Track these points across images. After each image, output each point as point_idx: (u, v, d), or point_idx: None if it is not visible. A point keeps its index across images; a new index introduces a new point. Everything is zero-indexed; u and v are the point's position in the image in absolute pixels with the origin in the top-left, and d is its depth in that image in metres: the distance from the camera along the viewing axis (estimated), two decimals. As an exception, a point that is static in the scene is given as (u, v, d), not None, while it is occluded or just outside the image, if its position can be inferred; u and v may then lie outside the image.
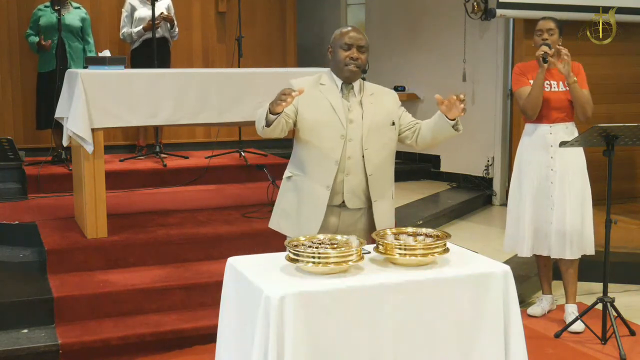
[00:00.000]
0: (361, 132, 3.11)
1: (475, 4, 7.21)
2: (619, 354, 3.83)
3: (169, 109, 4.55)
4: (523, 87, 4.28)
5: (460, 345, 2.56)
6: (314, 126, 3.11)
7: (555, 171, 4.24)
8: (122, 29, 6.72)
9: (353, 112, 3.13)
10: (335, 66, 3.17)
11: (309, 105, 3.13)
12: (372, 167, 3.12)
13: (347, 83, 3.16)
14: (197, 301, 4.21)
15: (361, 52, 3.13)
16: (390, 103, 3.24)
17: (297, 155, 3.21)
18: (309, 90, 3.13)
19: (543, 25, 4.27)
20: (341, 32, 3.17)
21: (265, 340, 2.32)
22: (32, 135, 6.68)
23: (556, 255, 4.28)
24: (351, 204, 3.14)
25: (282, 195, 3.27)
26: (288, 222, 3.22)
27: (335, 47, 3.17)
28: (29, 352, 3.69)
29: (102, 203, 4.52)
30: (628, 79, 6.62)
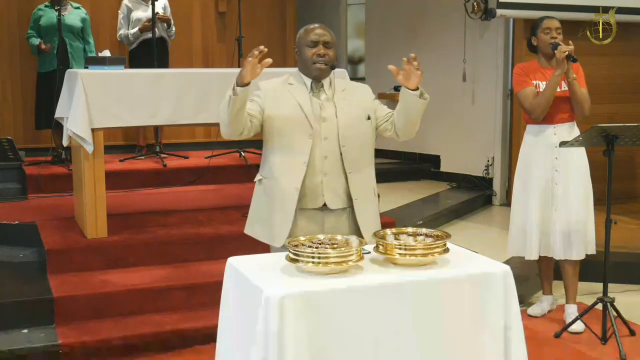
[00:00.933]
0: (337, 129, 3.03)
1: (475, 4, 7.21)
2: (619, 354, 3.83)
3: (169, 109, 4.55)
4: (527, 88, 4.23)
5: (460, 345, 2.56)
6: (280, 126, 3.03)
7: (559, 172, 4.22)
8: (118, 31, 6.72)
9: (326, 110, 3.05)
10: (303, 65, 3.09)
11: (276, 105, 3.05)
12: (350, 164, 3.05)
13: (316, 81, 3.09)
14: (197, 301, 4.21)
15: (328, 48, 3.04)
16: (364, 97, 3.16)
17: (266, 157, 3.13)
18: (276, 90, 3.07)
19: (551, 23, 4.21)
20: (306, 30, 3.10)
21: (265, 340, 2.32)
22: (32, 135, 6.68)
23: (562, 256, 4.24)
24: (333, 204, 3.06)
25: (254, 199, 3.19)
26: (261, 227, 3.14)
27: (300, 45, 3.09)
28: (29, 352, 3.69)
29: (102, 203, 4.52)
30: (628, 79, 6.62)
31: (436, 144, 7.94)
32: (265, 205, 3.12)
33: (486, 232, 6.19)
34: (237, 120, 2.93)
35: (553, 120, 4.22)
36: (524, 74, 4.28)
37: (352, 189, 3.07)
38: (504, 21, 6.96)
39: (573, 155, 4.22)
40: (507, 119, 7.17)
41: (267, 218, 3.10)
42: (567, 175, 4.22)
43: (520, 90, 4.27)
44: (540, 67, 4.29)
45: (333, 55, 3.07)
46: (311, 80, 3.09)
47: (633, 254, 5.16)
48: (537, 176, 4.27)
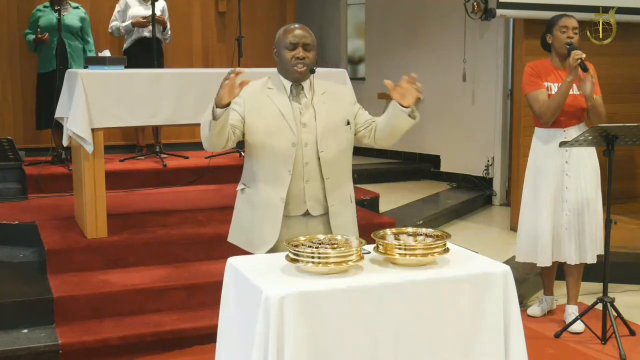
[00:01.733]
0: (315, 135, 2.97)
1: (475, 4, 7.21)
2: (619, 354, 3.83)
3: (169, 109, 4.55)
4: (538, 91, 4.12)
5: (460, 345, 2.56)
6: (263, 135, 2.96)
7: (570, 176, 4.15)
8: (111, 23, 6.72)
9: (305, 115, 2.98)
10: (282, 67, 3.01)
11: (257, 114, 2.98)
12: (328, 170, 2.99)
13: (296, 84, 3.01)
14: (197, 301, 4.21)
15: (307, 50, 2.96)
16: (344, 101, 3.08)
17: (249, 166, 3.07)
18: (255, 97, 2.99)
19: (569, 22, 4.08)
20: (285, 31, 3.00)
21: (265, 340, 2.32)
22: (32, 135, 6.69)
23: (576, 261, 4.17)
24: (315, 211, 3.02)
25: (237, 208, 3.14)
26: (244, 237, 3.10)
27: (279, 47, 3.01)
28: (29, 352, 3.69)
29: (102, 203, 4.52)
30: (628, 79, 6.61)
31: (436, 144, 7.95)
32: (249, 215, 3.07)
33: (486, 232, 6.19)
34: (220, 137, 2.88)
35: (563, 124, 4.13)
36: (536, 75, 4.16)
37: (328, 195, 3.02)
38: (504, 21, 6.96)
39: (584, 159, 4.15)
40: (507, 119, 7.17)
41: (251, 227, 3.06)
42: (578, 180, 4.15)
43: (530, 92, 4.16)
44: (553, 68, 4.18)
45: (313, 57, 2.99)
46: (291, 83, 3.02)
47: (633, 254, 5.16)
48: (547, 182, 4.17)
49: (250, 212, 3.07)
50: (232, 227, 3.19)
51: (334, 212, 3.05)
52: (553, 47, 4.18)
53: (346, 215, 3.11)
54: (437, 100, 7.90)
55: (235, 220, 3.17)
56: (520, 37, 6.12)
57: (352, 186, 3.17)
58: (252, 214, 3.06)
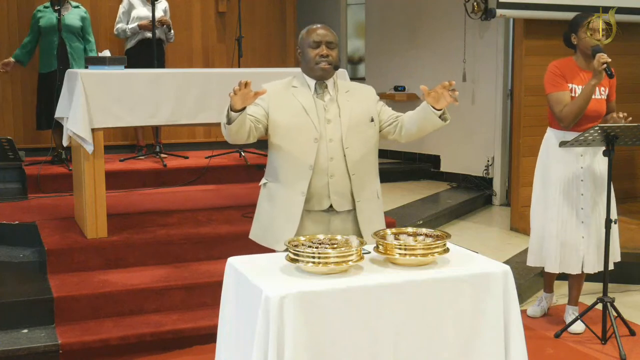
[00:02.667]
0: (340, 131, 3.03)
1: (475, 4, 7.21)
2: (619, 354, 3.83)
3: (169, 109, 4.55)
4: (562, 92, 4.00)
5: (460, 345, 2.56)
6: (286, 130, 3.02)
7: (585, 182, 4.07)
8: (116, 25, 6.72)
9: (330, 112, 3.04)
10: (306, 66, 3.07)
11: (280, 109, 3.03)
12: (354, 166, 3.04)
13: (320, 82, 3.07)
14: (197, 301, 4.21)
15: (331, 48, 3.02)
16: (368, 99, 3.15)
17: (272, 161, 3.11)
18: (280, 93, 3.04)
19: (598, 24, 3.96)
20: (308, 31, 3.07)
21: (265, 340, 2.32)
22: (32, 135, 6.68)
23: (594, 270, 4.11)
24: (339, 206, 3.06)
25: (259, 203, 3.18)
26: (265, 232, 3.13)
27: (303, 46, 3.07)
28: (29, 352, 3.69)
29: (102, 203, 4.52)
30: (628, 79, 6.61)
31: (436, 144, 7.94)
32: (269, 210, 3.11)
33: (486, 232, 6.19)
34: (239, 134, 2.92)
35: (581, 127, 4.01)
36: (560, 75, 4.05)
37: (355, 190, 3.07)
38: (504, 21, 6.96)
39: (599, 164, 4.07)
40: (507, 119, 7.17)
41: (271, 222, 3.10)
42: (594, 186, 4.08)
43: (553, 93, 4.05)
44: (579, 69, 4.08)
45: (336, 55, 3.05)
46: (315, 81, 3.08)
47: (633, 254, 5.15)
48: (558, 185, 4.10)
49: (270, 207, 3.11)
50: (254, 224, 3.22)
51: (361, 208, 3.09)
52: (578, 47, 4.08)
53: (373, 210, 3.16)
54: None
55: (256, 216, 3.21)
56: (520, 37, 6.12)
57: (378, 182, 3.23)
58: (272, 208, 3.10)
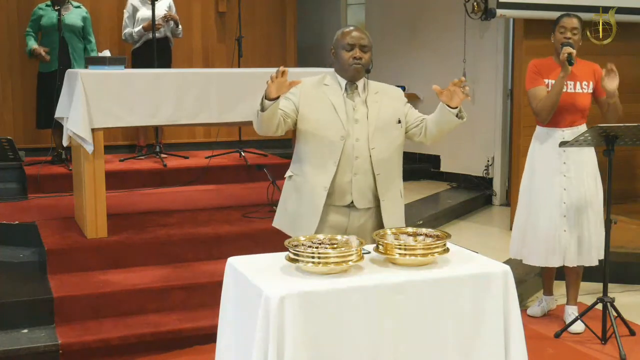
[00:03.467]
0: (367, 131, 3.10)
1: (475, 4, 7.21)
2: (619, 354, 3.83)
3: (169, 109, 4.55)
4: (538, 87, 4.14)
5: (460, 345, 2.56)
6: (315, 126, 3.11)
7: (568, 177, 4.13)
8: (124, 30, 6.73)
9: (358, 112, 3.13)
10: (339, 67, 3.17)
11: (310, 105, 3.12)
12: (379, 166, 3.12)
13: (351, 82, 3.16)
14: (197, 301, 4.21)
15: (364, 51, 3.12)
16: (396, 101, 3.24)
17: (298, 155, 3.21)
18: (312, 90, 3.13)
19: (568, 23, 4.10)
20: (343, 33, 3.16)
21: (265, 340, 2.32)
22: (32, 135, 6.69)
23: (575, 263, 4.16)
24: (360, 204, 3.13)
25: (283, 194, 3.29)
26: (288, 222, 3.24)
27: (337, 48, 3.16)
28: (29, 352, 3.69)
29: (102, 203, 4.52)
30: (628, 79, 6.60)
31: (436, 144, 7.91)
32: (293, 201, 3.21)
33: (486, 232, 6.19)
34: (269, 124, 3.01)
35: (563, 123, 4.13)
36: (537, 72, 4.17)
37: (380, 190, 3.14)
38: (504, 21, 6.96)
39: (582, 160, 4.13)
40: (507, 119, 7.17)
41: (295, 213, 3.19)
42: (577, 181, 4.13)
43: (530, 89, 4.19)
44: (555, 66, 4.16)
45: (369, 58, 3.14)
46: (346, 82, 3.16)
47: (633, 254, 5.16)
48: (543, 182, 4.18)
49: (296, 198, 3.20)
50: (278, 213, 3.31)
51: (385, 207, 3.17)
52: (554, 46, 4.19)
53: (396, 208, 3.24)
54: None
55: (282, 206, 3.29)
56: (520, 37, 6.12)
57: (402, 181, 3.30)
58: (298, 200, 3.18)
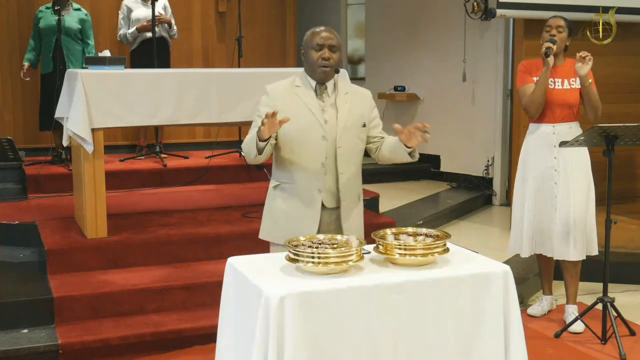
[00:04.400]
0: (335, 131, 3.11)
1: (475, 4, 7.21)
2: (619, 354, 3.83)
3: (169, 109, 4.55)
4: (526, 85, 4.24)
5: (460, 345, 2.56)
6: (297, 132, 3.10)
7: (558, 171, 4.21)
8: (119, 31, 6.73)
9: (327, 113, 3.14)
10: (309, 67, 3.16)
11: (287, 111, 3.09)
12: (343, 166, 3.13)
13: (320, 83, 3.16)
14: (197, 301, 4.21)
15: (333, 51, 3.11)
16: (364, 104, 3.23)
17: (282, 163, 3.18)
18: (284, 95, 3.13)
19: (553, 22, 4.22)
20: (312, 33, 3.16)
21: (265, 340, 2.32)
22: (32, 135, 6.69)
23: (559, 256, 4.24)
24: (328, 203, 3.14)
25: (270, 205, 3.24)
26: (281, 232, 3.16)
27: (307, 48, 3.16)
28: (29, 352, 3.69)
29: (102, 203, 4.52)
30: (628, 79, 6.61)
31: (436, 144, 7.93)
32: (285, 209, 3.16)
33: (486, 232, 6.19)
34: (266, 157, 3.08)
35: (552, 119, 4.22)
36: (526, 71, 4.28)
37: (341, 190, 3.14)
38: (504, 21, 6.96)
39: (574, 155, 4.20)
40: (507, 119, 7.17)
41: (289, 221, 3.15)
42: (568, 175, 4.21)
43: (520, 87, 4.29)
44: (543, 65, 4.20)
45: (338, 58, 3.14)
46: (316, 82, 3.16)
47: (633, 254, 5.16)
48: (533, 175, 4.27)
49: (287, 206, 3.17)
50: (265, 224, 3.27)
51: (345, 207, 3.17)
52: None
53: (355, 211, 3.24)
54: (437, 100, 7.90)
55: (269, 217, 3.26)
56: (520, 37, 6.12)
57: (361, 184, 3.32)
58: (290, 208, 3.16)
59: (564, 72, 4.23)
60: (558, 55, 4.19)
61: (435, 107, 7.92)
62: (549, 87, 4.18)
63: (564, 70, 4.23)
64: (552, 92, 4.18)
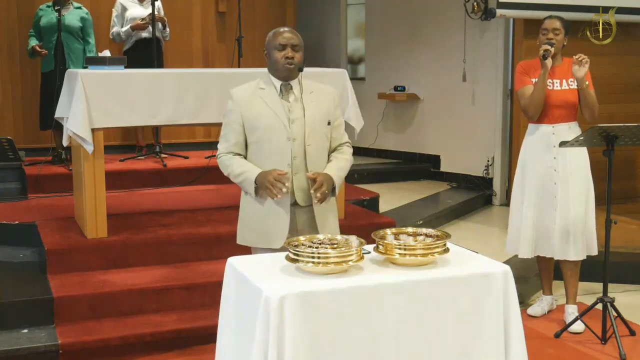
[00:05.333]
0: (303, 130, 3.15)
1: (475, 4, 7.21)
2: (619, 354, 3.83)
3: (168, 109, 4.55)
4: (525, 87, 4.25)
5: (460, 345, 2.56)
6: (261, 133, 3.14)
7: (558, 172, 4.21)
8: (111, 29, 6.73)
9: (294, 112, 3.17)
10: (272, 67, 3.20)
11: (252, 115, 3.15)
12: (312, 164, 3.16)
13: (285, 83, 3.19)
14: (197, 301, 4.21)
15: (295, 50, 3.16)
16: (329, 101, 3.27)
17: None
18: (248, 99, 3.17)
19: (549, 24, 4.21)
20: (274, 33, 3.21)
21: (265, 340, 2.32)
22: (32, 135, 6.69)
23: (560, 256, 4.24)
24: (302, 201, 3.18)
25: (243, 208, 3.28)
26: (256, 235, 3.21)
27: (269, 48, 3.20)
28: (29, 352, 3.69)
29: (102, 203, 4.52)
30: (628, 79, 6.62)
31: (436, 144, 7.95)
32: (257, 212, 3.19)
33: (486, 232, 6.19)
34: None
35: (552, 119, 4.22)
36: (525, 72, 4.28)
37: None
38: (504, 21, 6.96)
39: (573, 155, 4.21)
40: (507, 119, 7.17)
41: (262, 223, 3.18)
42: (567, 175, 4.21)
43: (519, 89, 4.29)
44: (541, 66, 4.23)
45: (300, 57, 3.18)
46: (280, 83, 3.19)
47: (633, 254, 5.16)
48: (533, 175, 4.28)
49: (259, 209, 3.19)
50: (241, 229, 3.30)
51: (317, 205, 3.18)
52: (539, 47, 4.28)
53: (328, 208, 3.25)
54: (437, 100, 7.90)
55: (243, 221, 3.28)
56: (520, 37, 6.13)
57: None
58: (262, 210, 3.18)
59: (562, 73, 4.23)
60: (555, 55, 4.20)
61: (435, 107, 7.92)
62: (548, 88, 4.18)
63: (561, 71, 4.24)
64: (551, 93, 4.19)
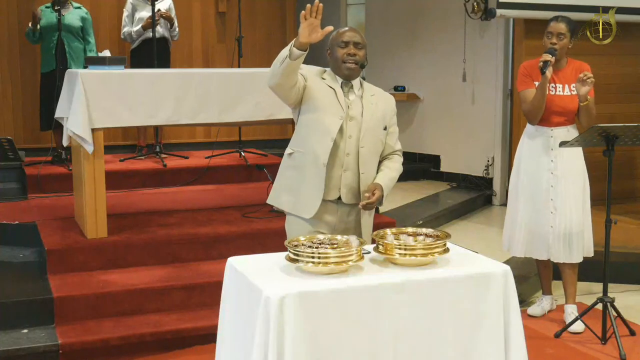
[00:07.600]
0: (359, 129, 3.17)
1: (475, 4, 7.21)
2: (619, 354, 3.83)
3: (169, 109, 4.55)
4: (528, 90, 4.22)
5: (460, 345, 2.56)
6: (316, 103, 3.16)
7: (555, 175, 4.20)
8: (123, 29, 6.74)
9: (353, 110, 3.19)
10: (334, 64, 3.23)
11: (314, 86, 3.19)
12: (364, 165, 3.19)
13: (346, 81, 3.22)
14: (197, 301, 4.21)
15: (358, 48, 3.19)
16: (388, 108, 3.31)
17: (299, 132, 3.25)
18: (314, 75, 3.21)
19: (554, 27, 4.14)
20: (338, 32, 3.24)
21: (265, 340, 2.32)
22: (32, 135, 6.69)
23: (559, 259, 4.23)
24: (347, 199, 3.20)
25: (283, 171, 3.30)
26: (288, 198, 3.25)
27: (332, 46, 3.24)
28: (29, 352, 3.69)
29: (102, 203, 4.52)
30: (628, 79, 6.62)
31: (436, 144, 7.95)
32: (294, 178, 3.23)
33: (486, 232, 6.19)
34: (289, 78, 3.05)
35: (551, 123, 4.21)
36: (527, 74, 4.25)
37: (362, 188, 3.19)
38: (504, 21, 6.95)
39: (570, 158, 4.20)
40: (507, 119, 7.17)
41: (297, 189, 3.21)
42: (564, 178, 4.20)
43: (521, 91, 4.28)
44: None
45: (363, 55, 3.20)
46: (342, 80, 3.22)
47: (633, 254, 5.16)
48: (529, 177, 4.27)
49: (296, 174, 3.22)
50: (275, 189, 3.33)
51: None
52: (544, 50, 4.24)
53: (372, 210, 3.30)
54: (437, 100, 7.90)
55: (279, 183, 3.32)
56: (520, 37, 6.12)
57: None
58: (298, 176, 3.21)
59: (565, 77, 4.20)
60: (560, 60, 4.17)
61: (435, 107, 7.92)
62: (550, 92, 4.16)
63: (565, 75, 4.20)
64: (553, 98, 4.16)
